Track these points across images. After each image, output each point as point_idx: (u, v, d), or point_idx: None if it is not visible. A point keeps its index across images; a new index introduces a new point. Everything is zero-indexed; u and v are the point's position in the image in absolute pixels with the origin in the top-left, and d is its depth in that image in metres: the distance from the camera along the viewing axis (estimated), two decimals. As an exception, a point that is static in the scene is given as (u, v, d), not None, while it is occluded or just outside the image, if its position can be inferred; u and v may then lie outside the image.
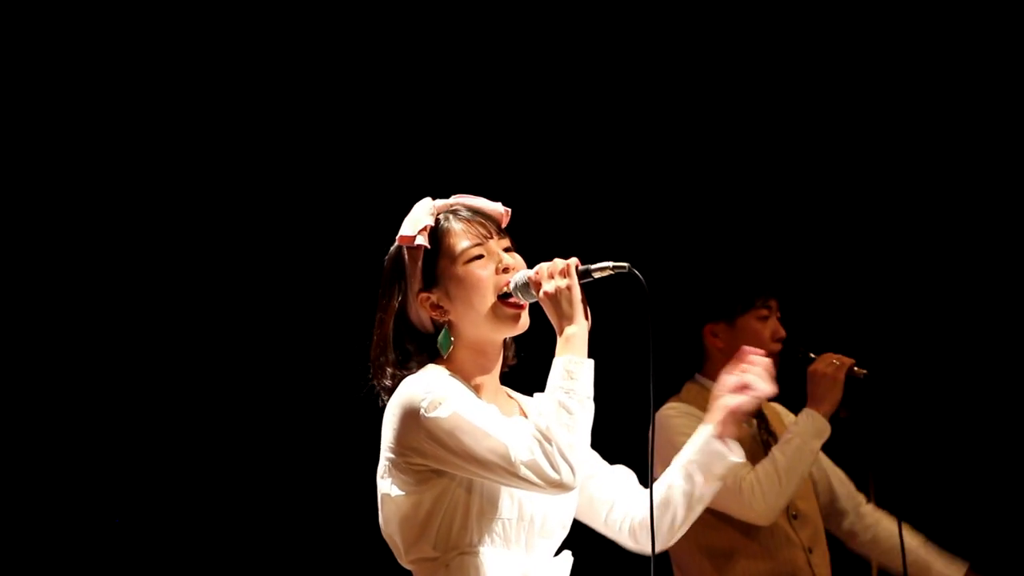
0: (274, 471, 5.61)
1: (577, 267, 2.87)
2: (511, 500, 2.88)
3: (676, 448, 4.05)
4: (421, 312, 2.95)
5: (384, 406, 2.92)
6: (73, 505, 5.45)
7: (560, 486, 2.77)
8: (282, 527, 5.62)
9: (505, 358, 3.04)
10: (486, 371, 2.97)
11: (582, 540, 3.11)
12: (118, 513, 5.47)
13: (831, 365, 4.21)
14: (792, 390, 4.42)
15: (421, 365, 2.94)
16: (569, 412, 2.78)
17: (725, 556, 4.12)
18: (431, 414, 2.79)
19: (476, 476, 2.82)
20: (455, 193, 3.05)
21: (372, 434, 5.47)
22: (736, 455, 3.05)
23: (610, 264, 2.87)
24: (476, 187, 3.09)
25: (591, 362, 2.83)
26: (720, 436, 3.08)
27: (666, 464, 4.09)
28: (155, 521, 5.51)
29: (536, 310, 2.92)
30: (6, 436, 5.39)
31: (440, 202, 3.01)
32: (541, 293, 2.87)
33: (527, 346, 3.06)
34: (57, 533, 5.42)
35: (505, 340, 3.01)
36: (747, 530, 4.12)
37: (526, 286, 2.89)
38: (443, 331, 2.93)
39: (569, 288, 2.85)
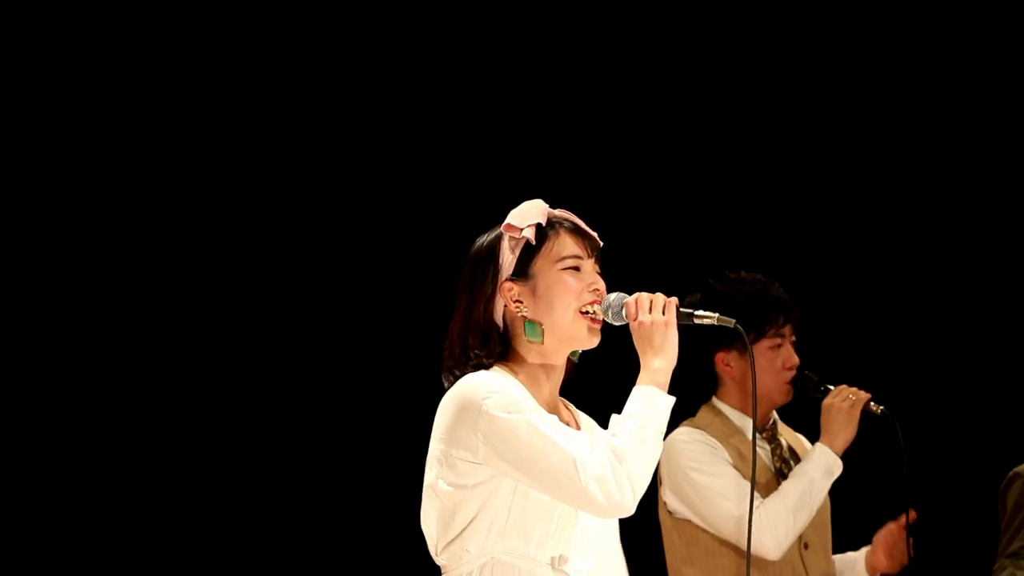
0: (284, 472, 5.60)
1: (678, 307, 2.90)
2: (563, 515, 2.84)
3: (687, 476, 4.02)
4: (499, 301, 2.94)
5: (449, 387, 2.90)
6: (76, 505, 5.43)
7: (620, 509, 2.78)
8: (290, 528, 5.61)
9: (565, 375, 3.02)
10: (549, 380, 2.96)
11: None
12: (126, 513, 5.46)
13: (847, 400, 4.14)
14: (805, 418, 4.37)
15: (489, 358, 2.92)
16: (644, 441, 2.79)
17: None
18: (494, 412, 2.78)
19: (529, 485, 2.79)
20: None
21: (378, 436, 5.44)
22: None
23: (715, 315, 2.92)
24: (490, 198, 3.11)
25: (672, 399, 2.85)
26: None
27: (674, 491, 4.08)
28: (159, 522, 5.49)
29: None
30: (9, 436, 5.36)
31: (549, 209, 3.01)
32: (636, 321, 2.88)
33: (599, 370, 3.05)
34: (60, 533, 5.41)
35: (569, 358, 2.99)
36: (758, 562, 4.07)
37: (620, 309, 2.91)
38: (528, 324, 2.91)
39: (666, 324, 2.88)
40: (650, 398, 2.81)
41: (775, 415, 4.29)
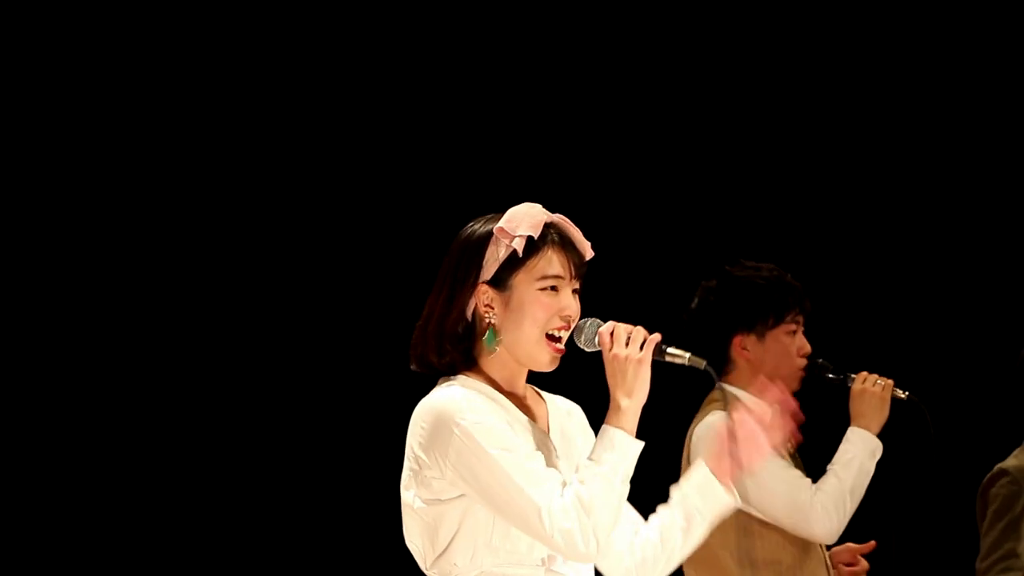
0: (286, 475, 5.59)
1: (657, 344, 2.86)
2: None
3: None
4: (473, 300, 2.91)
5: (416, 370, 2.91)
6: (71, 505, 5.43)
7: (584, 559, 2.82)
8: (281, 532, 5.61)
9: None
10: (515, 378, 2.94)
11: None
12: (127, 514, 5.41)
13: (877, 385, 4.16)
14: (816, 406, 4.36)
15: (457, 361, 2.91)
16: (611, 489, 2.77)
17: (769, 566, 4.07)
18: (465, 442, 2.77)
19: (496, 514, 2.80)
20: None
21: (383, 436, 5.41)
22: (733, 497, 2.99)
23: (687, 355, 2.86)
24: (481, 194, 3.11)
25: (640, 444, 2.85)
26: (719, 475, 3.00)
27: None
28: (150, 523, 5.47)
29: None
30: (9, 436, 5.37)
31: (546, 217, 2.96)
32: (610, 353, 2.84)
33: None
34: (56, 533, 5.41)
35: None
36: (800, 544, 4.13)
37: (594, 336, 2.88)
38: (490, 331, 2.89)
39: (640, 361, 2.84)
40: (618, 444, 2.81)
41: None
